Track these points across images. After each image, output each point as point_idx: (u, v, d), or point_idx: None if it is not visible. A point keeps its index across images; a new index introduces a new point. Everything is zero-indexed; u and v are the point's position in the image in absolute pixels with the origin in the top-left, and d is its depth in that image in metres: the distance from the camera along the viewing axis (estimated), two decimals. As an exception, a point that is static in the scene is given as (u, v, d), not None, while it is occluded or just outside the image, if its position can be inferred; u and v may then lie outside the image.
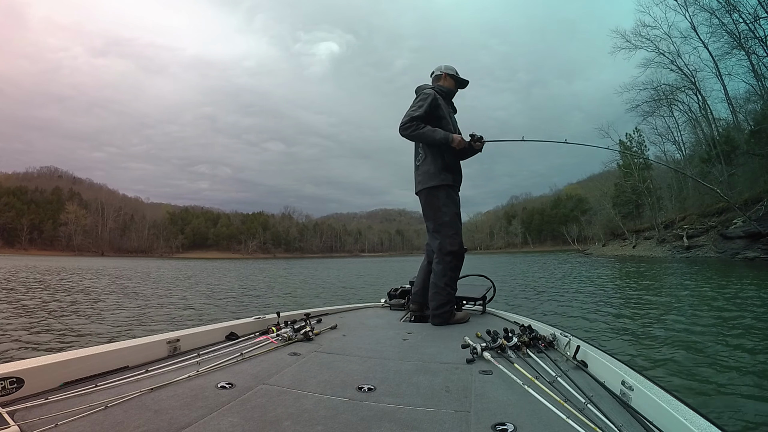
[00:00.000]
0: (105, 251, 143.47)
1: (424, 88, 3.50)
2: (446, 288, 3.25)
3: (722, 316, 7.01)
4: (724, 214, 31.77)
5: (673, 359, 4.60)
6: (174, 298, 11.90)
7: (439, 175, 3.33)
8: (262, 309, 9.87)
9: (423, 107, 3.27)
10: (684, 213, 40.10)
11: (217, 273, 27.53)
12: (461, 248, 3.37)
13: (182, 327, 2.95)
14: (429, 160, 3.37)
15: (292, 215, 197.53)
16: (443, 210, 3.34)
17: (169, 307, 10.06)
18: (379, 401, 1.56)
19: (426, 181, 3.36)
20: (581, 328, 6.63)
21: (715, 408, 3.24)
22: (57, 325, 7.22)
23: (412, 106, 3.33)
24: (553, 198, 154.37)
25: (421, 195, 3.45)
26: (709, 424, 1.12)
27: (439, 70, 3.64)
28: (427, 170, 3.36)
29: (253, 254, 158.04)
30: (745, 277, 14.04)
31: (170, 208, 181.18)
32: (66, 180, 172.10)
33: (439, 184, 3.33)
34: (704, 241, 31.08)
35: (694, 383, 3.85)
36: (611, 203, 58.04)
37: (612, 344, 5.44)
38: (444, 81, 3.61)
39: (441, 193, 3.35)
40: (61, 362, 1.65)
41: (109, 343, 2.02)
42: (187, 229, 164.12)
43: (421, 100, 3.33)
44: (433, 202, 3.37)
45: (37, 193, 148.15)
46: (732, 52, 35.24)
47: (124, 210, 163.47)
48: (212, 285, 17.27)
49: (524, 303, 10.06)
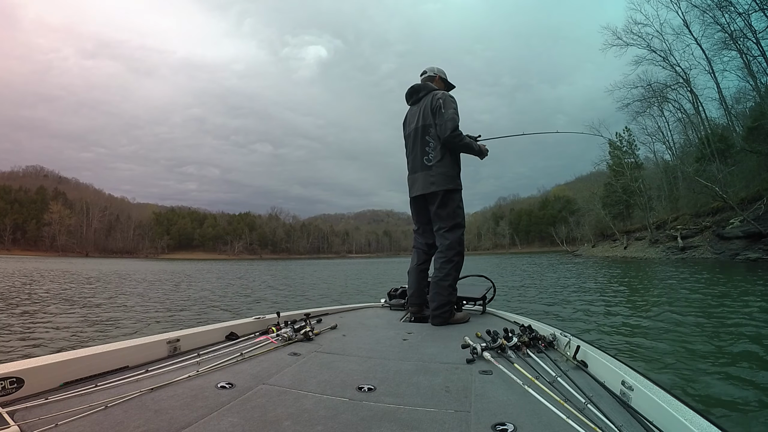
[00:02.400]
0: (89, 252, 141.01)
1: (433, 89, 3.49)
2: (449, 288, 3.25)
3: (725, 318, 6.80)
4: (718, 213, 30.73)
5: (674, 359, 4.62)
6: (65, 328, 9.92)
7: (456, 179, 3.37)
8: (261, 309, 9.73)
9: (457, 111, 3.31)
10: (676, 213, 39.11)
11: (175, 279, 24.52)
12: (465, 245, 3.43)
13: (182, 327, 3.00)
14: (447, 162, 3.34)
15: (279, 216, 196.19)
16: (457, 212, 3.37)
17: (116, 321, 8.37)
18: (379, 401, 1.56)
19: (444, 183, 3.32)
20: (580, 328, 6.56)
21: (715, 408, 3.25)
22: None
23: (450, 110, 3.29)
24: (541, 199, 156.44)
25: (434, 196, 3.37)
26: (709, 424, 1.13)
27: (432, 72, 3.69)
28: (446, 172, 3.33)
29: (239, 255, 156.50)
30: (756, 279, 12.91)
31: (156, 209, 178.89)
32: (52, 179, 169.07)
33: (455, 188, 3.36)
34: (699, 242, 29.95)
35: (694, 383, 3.85)
36: (601, 203, 57.41)
37: (612, 343, 5.49)
38: (437, 83, 3.66)
39: (457, 196, 3.38)
40: (61, 362, 1.64)
41: (109, 343, 1.99)
42: (172, 230, 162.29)
43: (454, 103, 3.34)
44: (449, 203, 3.35)
45: (21, 192, 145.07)
46: (723, 51, 34.92)
47: (109, 210, 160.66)
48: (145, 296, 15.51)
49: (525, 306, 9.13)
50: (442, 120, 3.25)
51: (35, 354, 4.23)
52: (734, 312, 7.24)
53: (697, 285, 12.26)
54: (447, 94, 3.40)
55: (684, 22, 36.95)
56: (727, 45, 34.41)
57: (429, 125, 3.35)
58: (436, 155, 3.33)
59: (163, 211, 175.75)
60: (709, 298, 9.37)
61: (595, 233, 63.19)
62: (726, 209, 29.64)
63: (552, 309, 8.83)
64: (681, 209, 39.30)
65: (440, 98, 3.33)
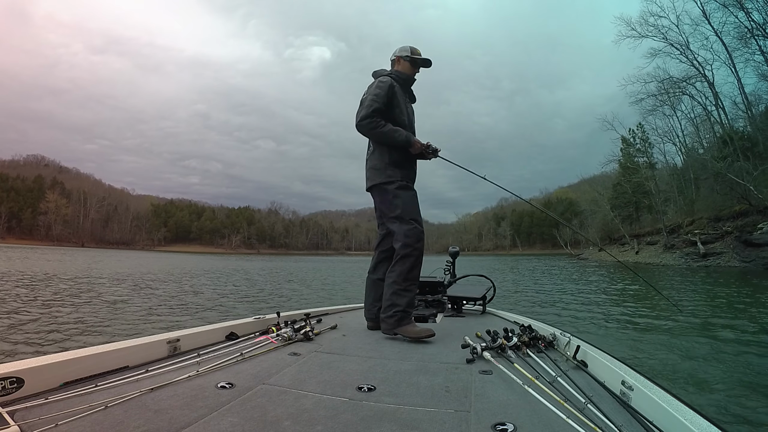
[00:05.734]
0: (85, 242, 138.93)
1: (381, 74, 3.26)
2: (393, 285, 2.91)
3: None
4: (741, 218, 28.26)
5: (676, 360, 4.63)
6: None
7: (386, 171, 3.09)
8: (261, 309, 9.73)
9: (380, 96, 3.02)
10: (692, 216, 36.47)
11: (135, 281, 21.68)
12: (420, 240, 3.00)
13: (182, 327, 3.00)
14: (376, 155, 3.15)
15: (279, 211, 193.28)
16: (395, 203, 3.04)
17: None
18: (379, 401, 1.56)
19: (373, 177, 3.14)
20: (578, 328, 6.57)
21: (715, 408, 3.24)
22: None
23: (370, 95, 3.05)
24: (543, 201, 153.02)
25: (371, 193, 3.21)
26: (709, 424, 1.14)
27: (393, 55, 3.35)
28: (375, 166, 3.14)
29: (237, 249, 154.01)
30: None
31: (155, 200, 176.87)
32: (52, 169, 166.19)
33: (385, 181, 3.07)
34: (721, 248, 27.46)
35: (693, 383, 3.86)
36: (609, 205, 54.90)
37: (614, 342, 5.60)
38: (398, 65, 3.31)
39: (391, 187, 3.06)
40: (61, 362, 1.65)
41: (109, 343, 2.01)
42: (170, 222, 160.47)
43: (378, 88, 3.06)
44: (384, 195, 3.11)
45: (18, 180, 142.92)
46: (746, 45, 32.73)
47: (108, 201, 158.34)
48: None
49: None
50: (359, 107, 3.08)
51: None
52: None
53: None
54: (380, 79, 3.14)
55: (703, 12, 34.73)
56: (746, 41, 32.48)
57: None
58: (371, 149, 3.20)
59: (162, 203, 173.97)
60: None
61: (601, 236, 60.69)
62: (750, 213, 27.21)
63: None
64: (697, 212, 36.66)
65: (368, 87, 3.18)
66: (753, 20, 31.25)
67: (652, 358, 4.79)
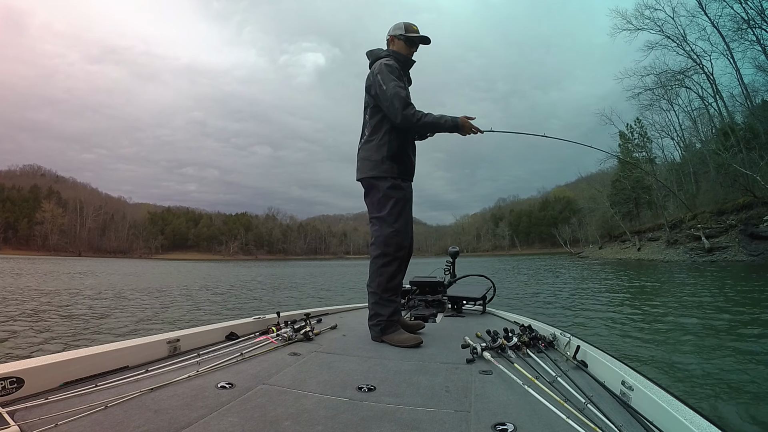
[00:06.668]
0: (82, 251, 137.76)
1: (378, 54, 2.95)
2: (374, 295, 2.77)
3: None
4: (745, 210, 27.56)
5: (676, 360, 4.60)
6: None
7: (381, 165, 2.81)
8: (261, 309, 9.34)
9: (402, 81, 2.79)
10: (694, 211, 35.75)
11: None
12: (401, 249, 2.80)
13: (182, 327, 3.05)
14: (373, 145, 2.84)
15: (276, 216, 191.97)
16: (382, 202, 2.82)
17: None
18: (379, 401, 1.56)
19: (364, 169, 2.87)
20: (580, 325, 6.58)
21: (715, 408, 3.22)
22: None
23: (391, 82, 2.70)
24: (541, 200, 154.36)
25: (361, 183, 2.94)
26: (709, 424, 1.14)
27: (387, 34, 3.02)
28: (368, 157, 2.85)
29: (235, 256, 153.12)
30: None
31: (152, 209, 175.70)
32: (49, 178, 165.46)
33: (379, 176, 2.82)
34: (726, 242, 26.68)
35: (694, 384, 3.82)
36: (608, 202, 54.37)
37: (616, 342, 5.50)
38: (393, 45, 2.98)
39: (383, 184, 2.81)
40: (61, 362, 1.64)
41: (109, 343, 1.99)
42: (167, 230, 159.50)
43: (395, 74, 2.77)
44: (373, 192, 2.87)
45: (14, 190, 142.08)
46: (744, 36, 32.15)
47: (105, 209, 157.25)
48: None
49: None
50: (387, 100, 2.69)
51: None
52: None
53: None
54: (382, 63, 2.82)
55: (699, 3, 34.21)
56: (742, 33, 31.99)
57: (366, 104, 2.90)
58: (366, 135, 2.91)
59: (159, 211, 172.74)
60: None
61: (601, 234, 60.24)
62: (755, 205, 26.53)
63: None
64: (699, 206, 35.95)
65: (376, 73, 2.78)
66: (751, 7, 30.80)
67: (652, 358, 4.77)
